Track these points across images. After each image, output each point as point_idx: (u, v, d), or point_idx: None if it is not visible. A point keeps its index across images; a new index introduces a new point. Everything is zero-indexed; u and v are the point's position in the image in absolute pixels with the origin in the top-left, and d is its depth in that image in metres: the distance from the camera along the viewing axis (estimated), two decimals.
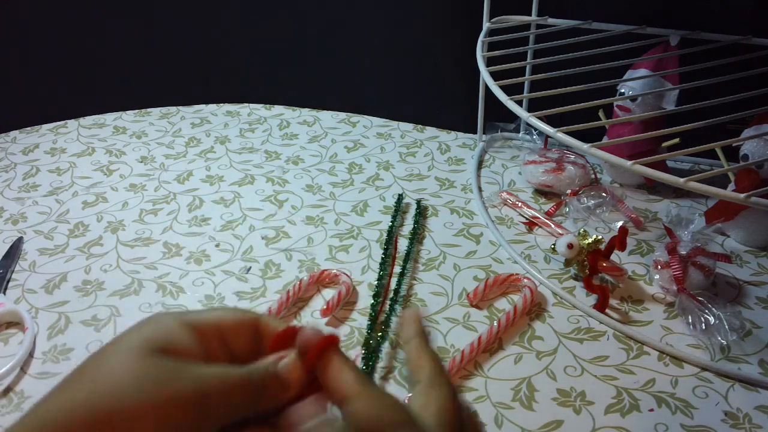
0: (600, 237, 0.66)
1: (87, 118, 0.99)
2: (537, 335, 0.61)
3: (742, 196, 0.55)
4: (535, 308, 0.64)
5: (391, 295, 0.65)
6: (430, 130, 0.94)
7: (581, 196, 0.76)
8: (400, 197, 0.79)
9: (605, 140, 0.73)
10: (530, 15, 0.83)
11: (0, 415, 0.55)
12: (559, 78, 0.72)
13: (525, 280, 0.66)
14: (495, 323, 0.61)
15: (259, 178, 0.84)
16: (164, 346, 0.28)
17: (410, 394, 0.31)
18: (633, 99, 0.75)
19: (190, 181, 0.84)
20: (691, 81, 0.70)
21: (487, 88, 0.77)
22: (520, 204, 0.77)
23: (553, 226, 0.74)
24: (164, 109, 1.00)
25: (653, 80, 0.74)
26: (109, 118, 0.99)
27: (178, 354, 0.28)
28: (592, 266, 0.65)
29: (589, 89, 0.68)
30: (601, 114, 0.78)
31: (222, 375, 0.28)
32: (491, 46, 0.79)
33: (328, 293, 0.66)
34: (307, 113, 0.99)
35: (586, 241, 0.66)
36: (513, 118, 0.89)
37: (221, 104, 1.01)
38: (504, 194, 0.79)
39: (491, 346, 0.60)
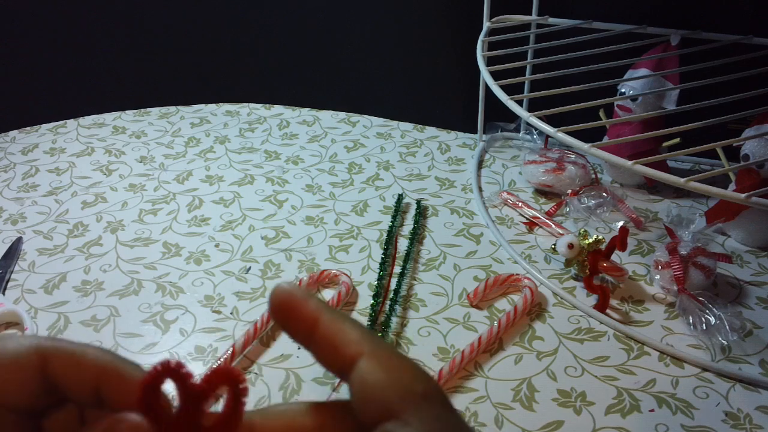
0: (600, 237, 0.65)
1: (86, 117, 0.98)
2: (537, 335, 0.61)
3: (742, 196, 0.55)
4: (536, 308, 0.64)
5: (391, 295, 0.65)
6: (430, 130, 0.94)
7: (582, 196, 0.75)
8: (400, 197, 0.79)
9: (606, 140, 0.73)
10: (530, 14, 0.83)
11: None
12: (560, 78, 0.72)
13: (525, 281, 0.66)
14: (495, 323, 0.61)
15: (259, 178, 0.84)
16: None
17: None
18: (633, 99, 0.75)
19: (189, 181, 0.84)
20: (691, 81, 0.70)
21: (487, 88, 0.77)
22: (520, 204, 0.77)
23: (553, 226, 0.73)
24: (164, 109, 1.00)
25: (654, 80, 0.74)
26: (108, 117, 0.98)
27: None
28: (592, 266, 0.65)
29: (590, 89, 0.68)
30: (601, 114, 0.78)
31: None
32: (491, 46, 0.79)
33: (328, 293, 0.66)
34: (306, 113, 0.99)
35: (587, 241, 0.65)
36: (513, 117, 0.89)
37: (221, 104, 1.01)
38: (504, 194, 0.79)
39: (491, 346, 0.60)
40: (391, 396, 0.22)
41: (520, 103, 0.69)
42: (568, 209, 0.76)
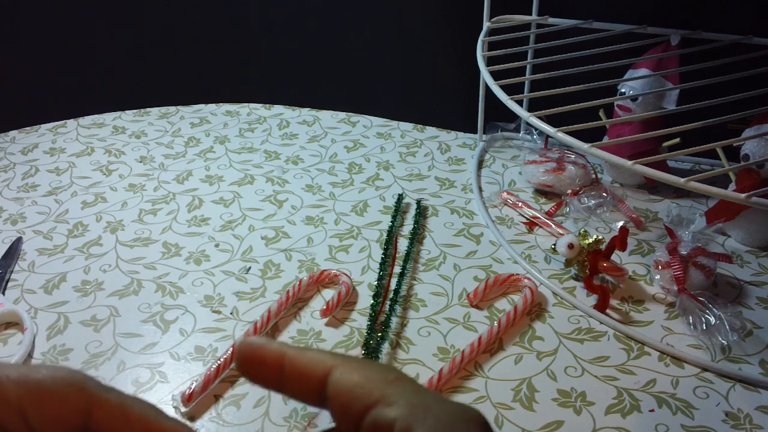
0: (600, 237, 0.65)
1: (86, 117, 0.98)
2: (537, 335, 0.61)
3: (743, 196, 0.55)
4: (536, 308, 0.64)
5: (391, 295, 0.65)
6: (430, 130, 0.94)
7: (582, 196, 0.75)
8: (400, 197, 0.79)
9: (606, 140, 0.73)
10: (530, 14, 0.82)
11: None
12: (560, 78, 0.72)
13: (525, 281, 0.66)
14: (495, 323, 0.61)
15: (259, 178, 0.84)
16: None
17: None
18: (633, 99, 0.75)
19: (189, 181, 0.84)
20: (691, 81, 0.70)
21: (487, 88, 0.77)
22: (520, 204, 0.77)
23: (553, 226, 0.73)
24: (163, 109, 1.00)
25: (654, 80, 0.74)
26: (108, 117, 0.98)
27: None
28: (592, 266, 0.65)
29: (590, 89, 0.68)
30: (601, 114, 0.78)
31: None
32: (491, 46, 0.79)
33: (328, 293, 0.66)
34: (306, 113, 0.99)
35: (587, 241, 0.65)
36: (513, 117, 0.89)
37: (221, 104, 1.01)
38: (504, 194, 0.79)
39: (491, 346, 0.60)
40: (368, 389, 0.23)
41: (520, 103, 0.69)
42: (568, 209, 0.76)
